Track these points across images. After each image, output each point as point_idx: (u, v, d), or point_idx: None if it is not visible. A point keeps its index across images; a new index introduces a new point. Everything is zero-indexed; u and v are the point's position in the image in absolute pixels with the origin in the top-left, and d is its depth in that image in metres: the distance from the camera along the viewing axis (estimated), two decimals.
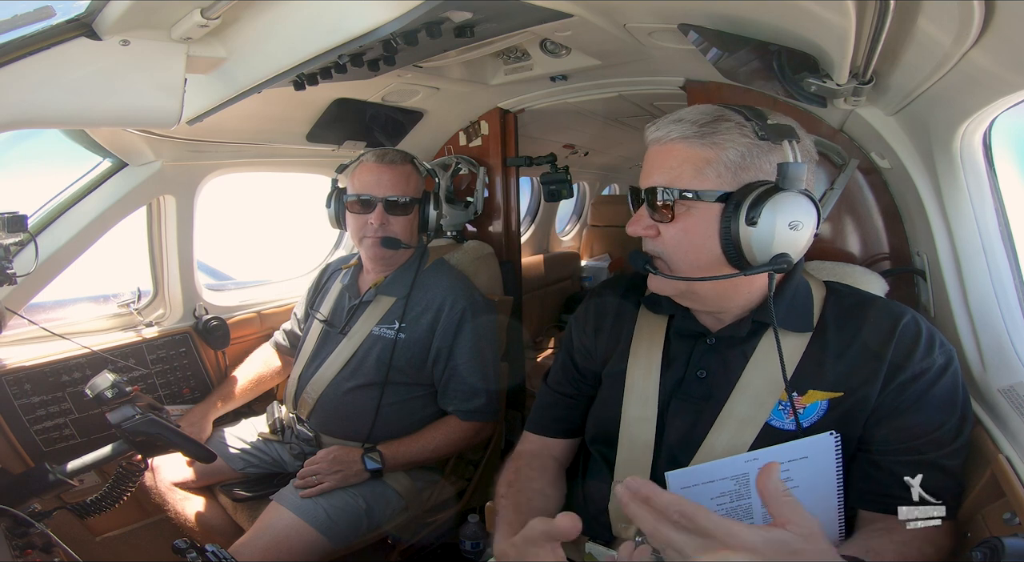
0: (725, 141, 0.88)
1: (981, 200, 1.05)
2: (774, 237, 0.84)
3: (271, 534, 1.46)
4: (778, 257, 0.85)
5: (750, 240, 0.85)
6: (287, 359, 1.97)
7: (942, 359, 0.89)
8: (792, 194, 0.84)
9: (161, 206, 1.80)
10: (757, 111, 0.91)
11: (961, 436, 0.89)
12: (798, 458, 0.86)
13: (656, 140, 0.93)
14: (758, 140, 0.87)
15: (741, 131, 0.88)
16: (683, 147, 0.90)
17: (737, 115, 0.90)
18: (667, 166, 0.91)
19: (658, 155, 0.93)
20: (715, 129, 0.88)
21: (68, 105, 1.05)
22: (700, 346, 1.02)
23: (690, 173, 0.89)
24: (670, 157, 0.91)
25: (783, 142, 0.87)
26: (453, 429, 1.69)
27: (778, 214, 0.83)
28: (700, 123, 0.89)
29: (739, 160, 0.88)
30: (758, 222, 0.84)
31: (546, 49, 1.62)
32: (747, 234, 0.85)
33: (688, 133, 0.89)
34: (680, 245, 0.92)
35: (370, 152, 1.69)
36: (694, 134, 0.89)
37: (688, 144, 0.89)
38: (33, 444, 1.57)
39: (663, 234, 0.93)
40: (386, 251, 1.67)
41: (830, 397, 0.92)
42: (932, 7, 0.71)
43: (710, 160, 0.88)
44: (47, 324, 1.62)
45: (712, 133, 0.88)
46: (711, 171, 0.88)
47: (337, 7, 0.98)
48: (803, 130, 0.93)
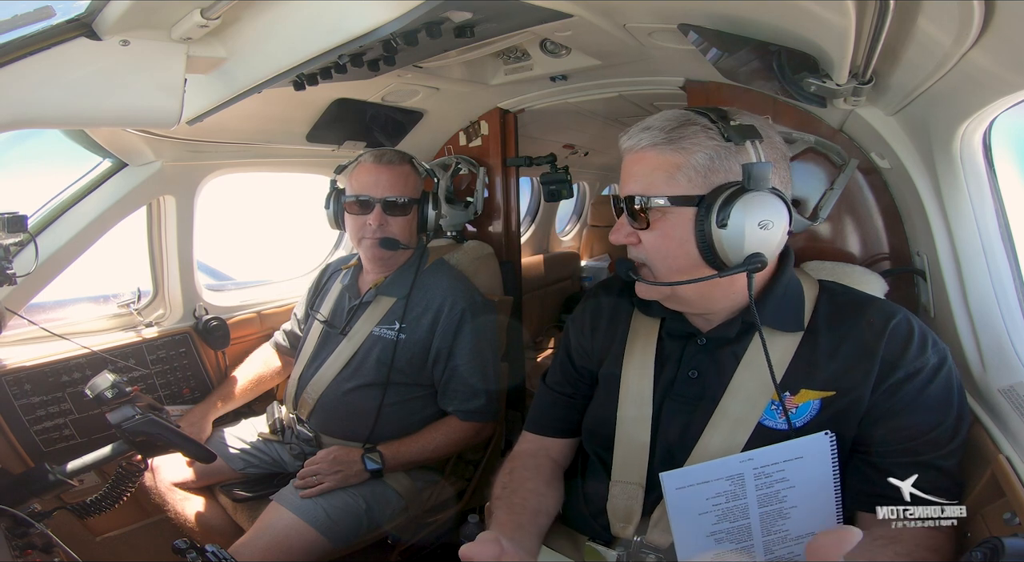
0: (692, 145, 0.89)
1: (981, 200, 1.05)
2: (744, 237, 0.85)
3: (271, 534, 1.46)
4: (751, 257, 0.86)
5: (722, 242, 0.86)
6: (287, 359, 1.97)
7: (935, 359, 0.89)
8: (760, 194, 0.85)
9: (161, 206, 1.80)
10: (722, 112, 0.92)
11: (958, 436, 0.89)
12: (793, 458, 0.87)
13: (628, 149, 0.95)
14: (724, 142, 0.88)
15: (707, 134, 0.89)
16: (653, 154, 0.92)
17: (703, 118, 0.91)
18: (640, 174, 0.93)
19: (632, 164, 0.95)
20: (682, 134, 0.90)
21: (68, 105, 1.05)
22: (691, 347, 1.03)
23: (662, 179, 0.91)
24: (642, 165, 0.93)
25: (745, 143, 0.87)
26: (453, 429, 1.69)
27: (747, 214, 0.85)
28: (667, 129, 0.91)
29: (708, 163, 0.89)
30: (728, 224, 0.85)
31: (546, 49, 1.62)
32: (719, 236, 0.86)
33: (657, 140, 0.91)
34: (659, 250, 0.94)
35: (368, 153, 1.69)
36: (663, 141, 0.90)
37: (658, 151, 0.91)
38: (33, 444, 1.57)
39: (643, 241, 0.95)
40: (384, 252, 1.67)
41: (822, 396, 0.92)
42: (932, 7, 0.71)
43: (680, 165, 0.90)
44: (47, 324, 1.61)
45: (679, 139, 0.90)
46: (682, 176, 0.90)
47: (337, 7, 0.98)
48: (770, 127, 0.94)
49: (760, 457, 0.87)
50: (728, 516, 0.88)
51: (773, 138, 0.93)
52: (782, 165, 0.93)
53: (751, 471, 0.86)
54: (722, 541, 0.89)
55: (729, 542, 0.89)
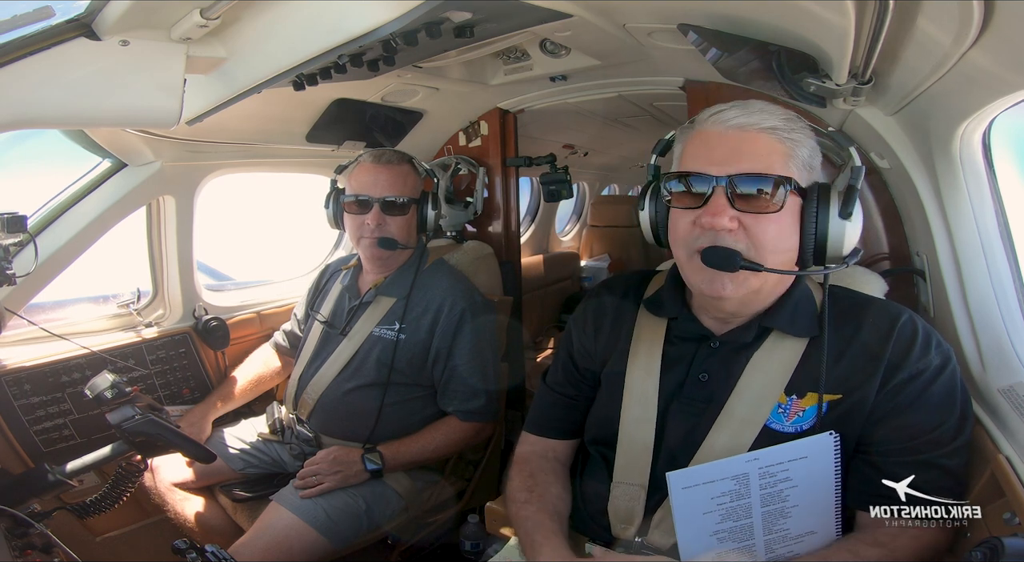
0: (803, 139, 0.89)
1: (980, 200, 1.05)
2: (857, 232, 0.85)
3: (271, 534, 1.46)
4: (854, 252, 0.86)
5: (841, 234, 0.85)
6: (287, 359, 1.97)
7: (939, 359, 0.89)
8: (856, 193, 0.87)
9: (161, 206, 1.79)
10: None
11: (961, 436, 0.89)
12: (797, 458, 0.87)
13: (739, 126, 0.87)
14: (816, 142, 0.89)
15: (807, 131, 0.90)
16: (767, 138, 0.87)
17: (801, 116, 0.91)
18: (757, 154, 0.86)
19: (740, 141, 0.87)
20: (794, 126, 0.88)
21: (68, 105, 1.05)
22: (703, 349, 1.01)
23: (780, 164, 0.86)
24: (756, 145, 0.86)
25: (851, 147, 0.88)
26: (453, 429, 1.68)
27: (857, 212, 0.85)
28: (783, 117, 0.88)
29: (808, 159, 0.89)
30: (852, 215, 0.84)
31: (546, 49, 1.62)
32: (839, 228, 0.85)
33: (777, 124, 0.87)
34: (773, 238, 0.87)
35: (368, 153, 1.69)
36: (782, 125, 0.87)
37: (775, 136, 0.87)
38: (33, 444, 1.57)
39: (749, 226, 0.86)
40: (383, 252, 1.67)
41: (829, 399, 0.92)
42: (932, 7, 0.71)
43: (790, 155, 0.88)
44: (47, 324, 1.61)
45: (793, 129, 0.88)
46: (793, 166, 0.87)
47: (337, 7, 0.98)
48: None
49: (765, 457, 0.87)
50: (732, 515, 0.89)
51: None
52: None
53: (756, 471, 0.87)
54: (724, 540, 0.89)
55: (731, 541, 0.89)
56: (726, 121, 0.88)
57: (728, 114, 0.88)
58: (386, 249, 1.66)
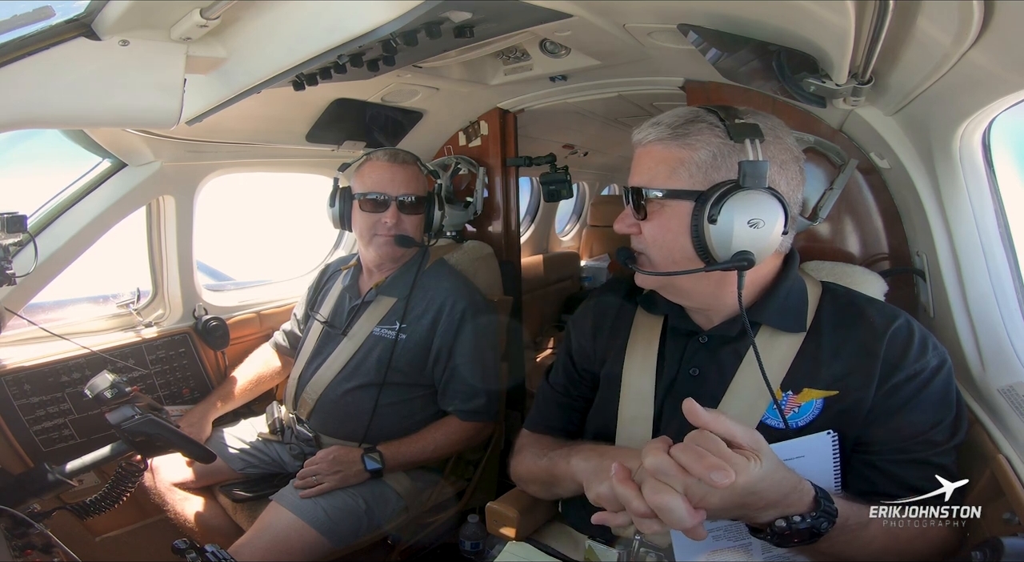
0: (697, 142, 0.90)
1: (980, 200, 1.05)
2: (732, 234, 0.86)
3: (271, 534, 1.46)
4: (738, 254, 0.87)
5: (712, 237, 0.88)
6: (287, 359, 1.97)
7: (935, 361, 0.90)
8: (753, 192, 0.86)
9: (160, 206, 1.80)
10: (732, 111, 0.93)
11: (956, 437, 0.90)
12: (795, 457, 0.86)
13: (637, 143, 0.98)
14: (728, 140, 0.89)
15: (713, 132, 0.90)
16: (659, 148, 0.94)
17: (711, 116, 0.92)
18: (645, 167, 0.95)
19: (639, 157, 0.97)
20: (688, 131, 0.91)
21: (68, 105, 1.05)
22: (692, 344, 1.03)
23: (664, 173, 0.92)
24: (648, 159, 0.95)
25: (744, 141, 0.88)
26: (453, 429, 1.69)
27: (736, 212, 0.86)
28: (674, 125, 0.93)
29: (710, 160, 0.90)
30: (717, 220, 0.86)
31: (546, 49, 1.62)
32: (709, 231, 0.88)
33: (663, 135, 0.93)
34: (656, 241, 0.95)
35: (380, 151, 1.69)
36: (668, 136, 0.92)
37: (664, 146, 0.93)
38: (32, 444, 1.57)
39: (643, 231, 0.97)
40: (399, 249, 1.67)
41: (825, 395, 0.92)
42: (932, 7, 0.71)
43: (683, 160, 0.91)
44: (47, 324, 1.61)
45: (685, 135, 0.91)
46: (684, 171, 0.91)
47: (337, 7, 0.98)
48: (783, 128, 0.94)
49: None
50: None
51: (783, 139, 0.93)
52: (792, 167, 0.93)
53: None
54: (720, 538, 0.89)
55: (728, 540, 0.89)
56: (632, 140, 1.00)
57: (633, 133, 0.99)
58: (403, 246, 1.67)
